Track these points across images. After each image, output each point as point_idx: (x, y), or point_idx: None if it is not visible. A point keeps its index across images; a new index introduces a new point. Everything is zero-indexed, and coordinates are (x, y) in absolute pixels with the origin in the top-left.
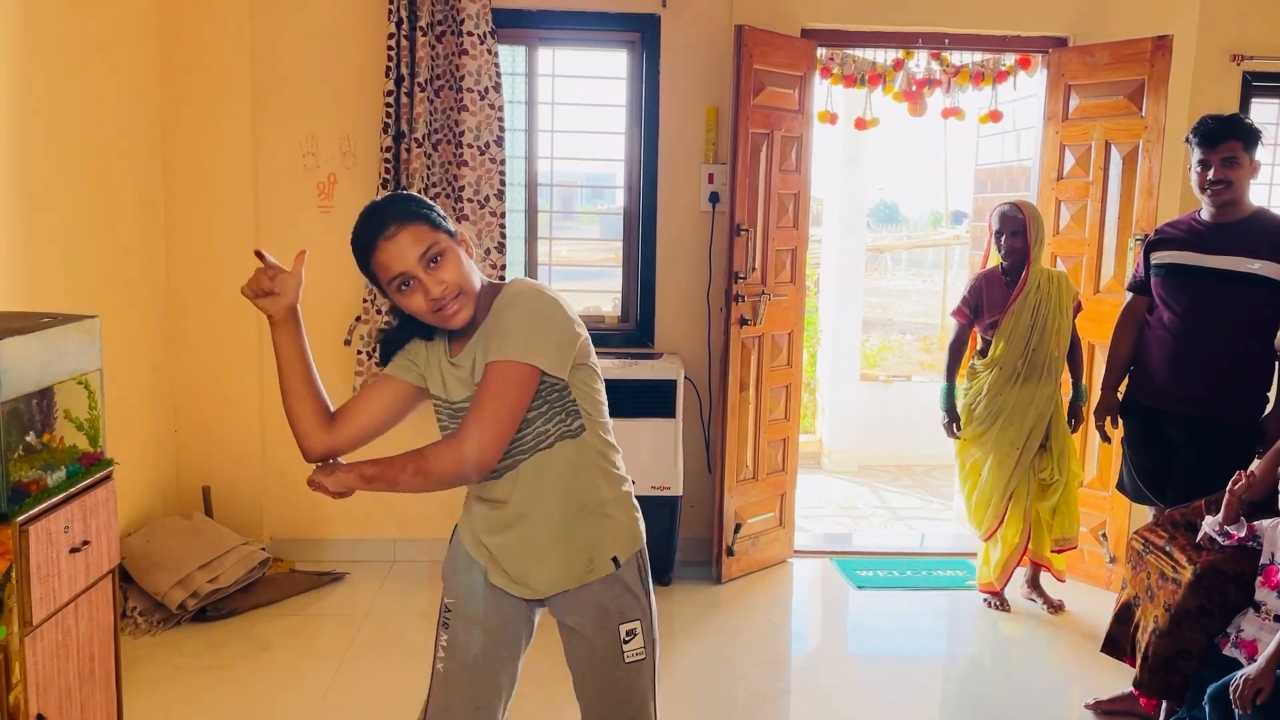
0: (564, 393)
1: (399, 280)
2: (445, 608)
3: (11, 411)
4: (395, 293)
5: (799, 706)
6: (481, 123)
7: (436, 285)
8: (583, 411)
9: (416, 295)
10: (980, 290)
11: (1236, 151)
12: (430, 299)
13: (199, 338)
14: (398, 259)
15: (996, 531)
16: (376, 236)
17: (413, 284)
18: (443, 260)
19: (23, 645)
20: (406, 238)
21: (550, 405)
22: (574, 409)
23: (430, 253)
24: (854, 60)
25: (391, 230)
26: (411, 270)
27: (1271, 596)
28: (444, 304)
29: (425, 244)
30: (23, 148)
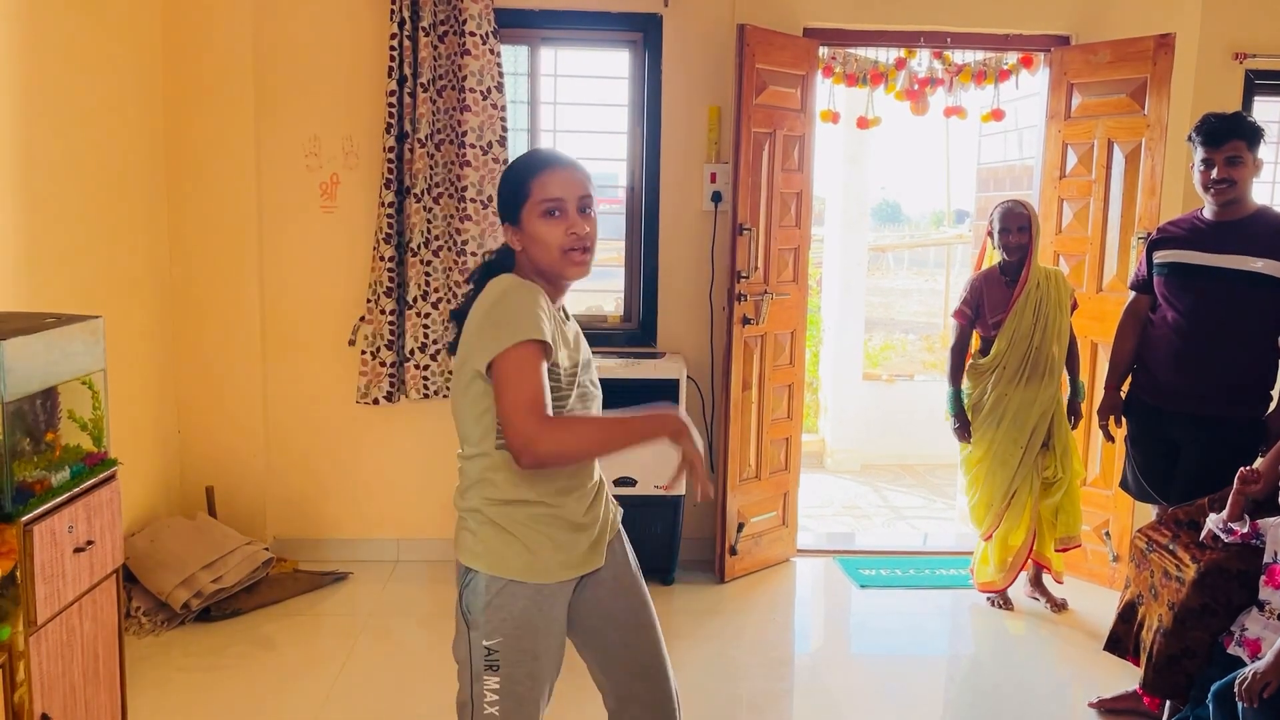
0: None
1: (554, 204)
2: (487, 650)
3: (15, 411)
4: (538, 217)
5: (802, 706)
6: (484, 123)
7: (583, 226)
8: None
9: (559, 226)
10: (980, 290)
11: (1240, 150)
12: (572, 234)
13: (202, 338)
14: (567, 186)
15: (996, 531)
16: (558, 162)
17: (559, 215)
18: (591, 213)
19: (27, 645)
20: (579, 176)
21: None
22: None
23: (586, 200)
24: (856, 59)
25: (569, 165)
26: (570, 202)
27: (1276, 595)
28: (579, 245)
29: (587, 191)
30: (27, 149)
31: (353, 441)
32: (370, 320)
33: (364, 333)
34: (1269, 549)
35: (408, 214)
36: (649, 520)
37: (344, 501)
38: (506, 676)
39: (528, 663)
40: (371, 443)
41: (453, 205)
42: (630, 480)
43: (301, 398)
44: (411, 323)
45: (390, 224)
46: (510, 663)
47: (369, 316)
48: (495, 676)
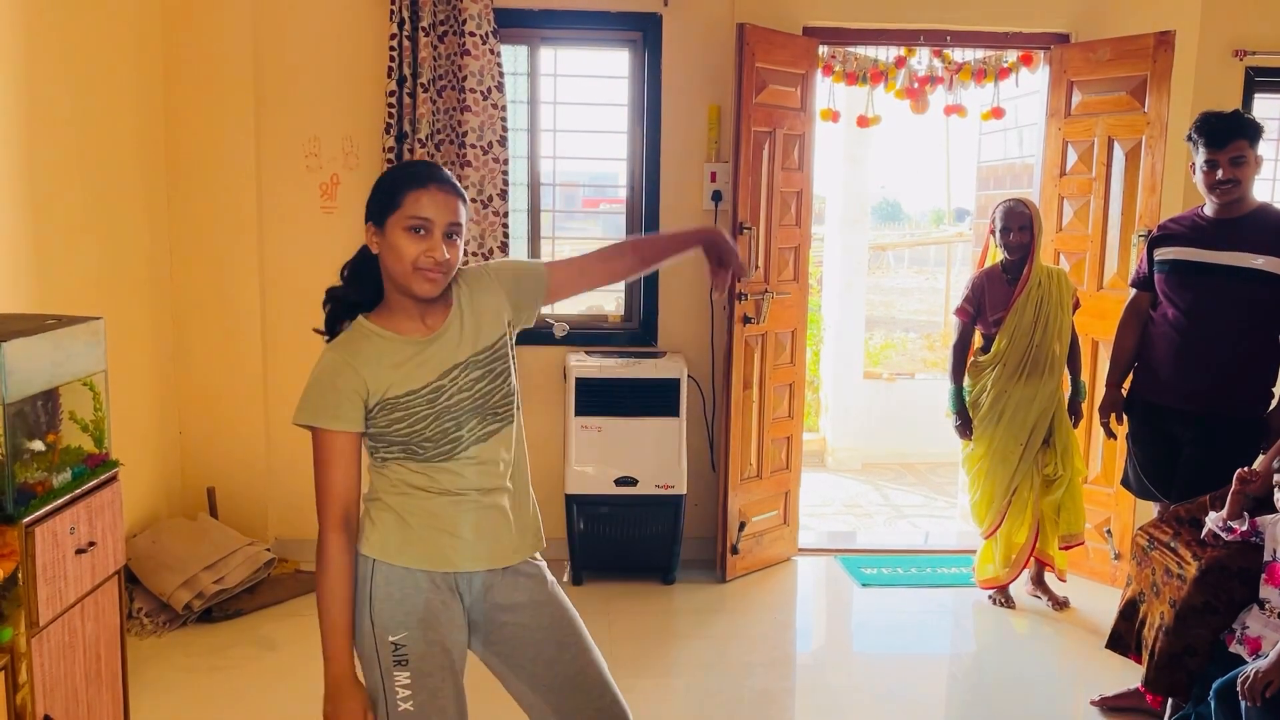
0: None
1: (419, 224)
2: (394, 646)
3: (17, 413)
4: (401, 230)
5: (804, 704)
6: (484, 123)
7: (442, 252)
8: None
9: (419, 244)
10: (982, 288)
11: (1244, 150)
12: (431, 259)
13: (203, 339)
14: (435, 208)
15: (997, 529)
16: (432, 181)
17: (423, 234)
18: (456, 240)
19: (29, 646)
20: (452, 202)
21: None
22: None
23: (454, 228)
24: (856, 58)
25: (448, 188)
26: (435, 224)
27: (1276, 594)
28: (434, 270)
29: (457, 219)
30: (28, 151)
31: None
32: None
33: None
34: (1268, 547)
35: None
36: (650, 519)
37: None
38: (417, 670)
39: (438, 654)
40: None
41: None
42: (631, 480)
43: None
44: None
45: None
46: (419, 656)
47: None
48: (404, 672)
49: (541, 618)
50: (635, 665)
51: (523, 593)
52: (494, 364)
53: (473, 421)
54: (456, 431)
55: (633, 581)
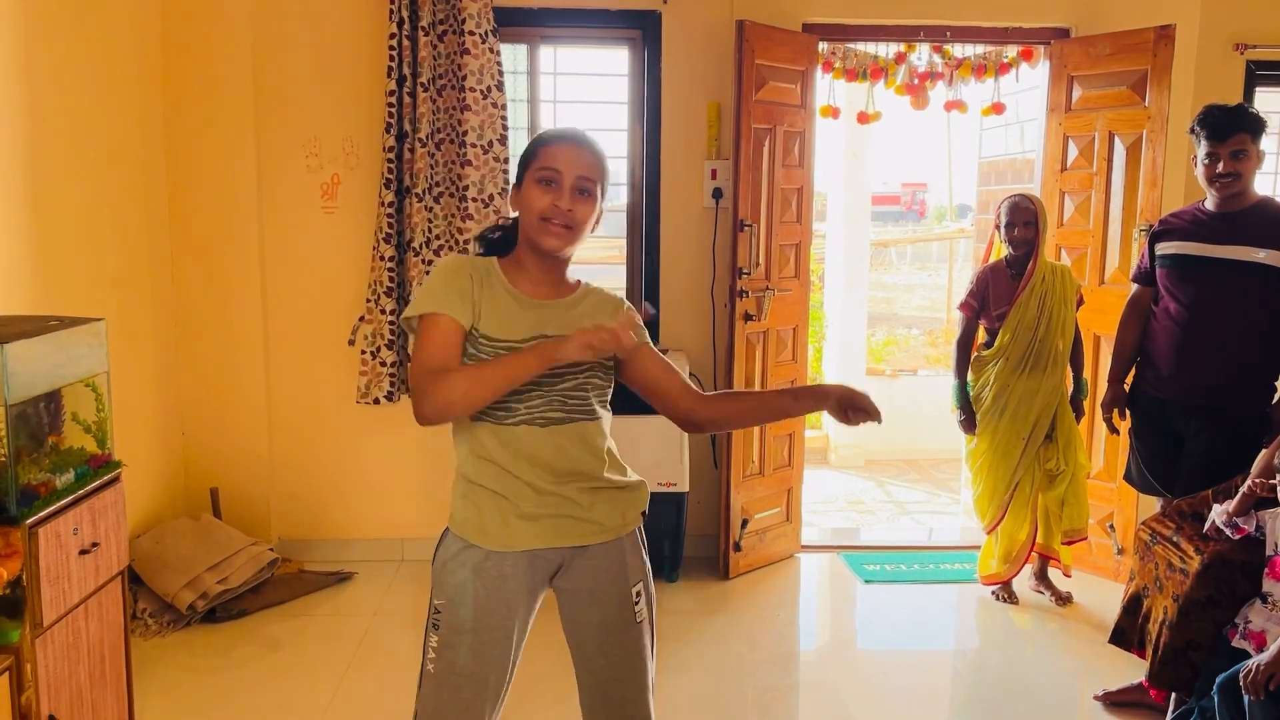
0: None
1: (550, 174)
2: (435, 609)
3: (20, 414)
4: (534, 180)
5: (808, 701)
6: (484, 122)
7: (568, 203)
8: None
9: (548, 196)
10: (986, 283)
11: (1245, 143)
12: (556, 208)
13: (205, 339)
14: (569, 162)
15: (999, 524)
16: (573, 139)
17: (553, 188)
18: (586, 198)
19: (34, 647)
20: (588, 159)
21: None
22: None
23: (585, 183)
24: (856, 54)
25: (586, 145)
26: (566, 177)
27: (1278, 588)
28: (558, 221)
29: (590, 178)
30: (28, 152)
31: (357, 442)
32: (370, 320)
33: (364, 332)
34: (1270, 540)
35: (409, 213)
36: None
37: (348, 502)
38: (443, 640)
39: (466, 634)
40: (375, 443)
41: (454, 204)
42: None
43: (305, 398)
44: None
45: (390, 223)
46: (448, 627)
47: (369, 316)
48: (436, 636)
49: (593, 614)
50: None
51: (587, 579)
52: (579, 363)
53: (536, 399)
54: (513, 397)
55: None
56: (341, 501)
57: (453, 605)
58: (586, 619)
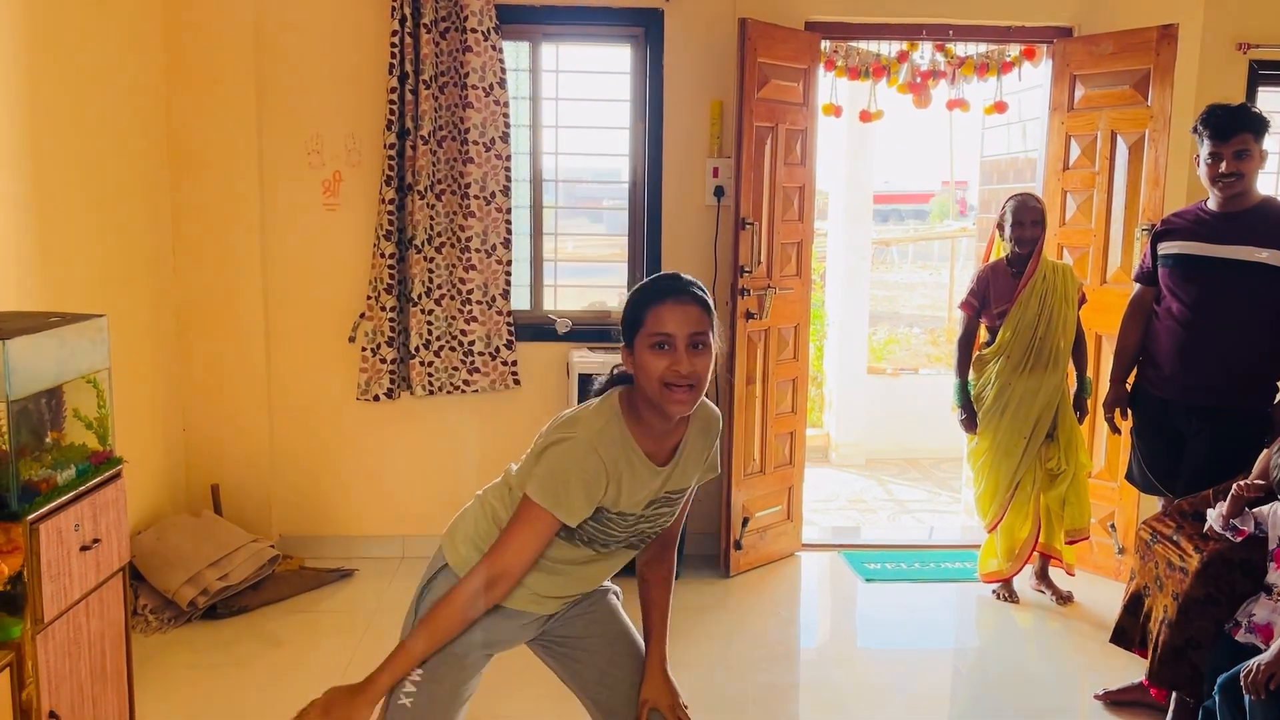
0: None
1: (662, 339)
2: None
3: (21, 410)
4: (646, 349)
5: (808, 699)
6: (486, 119)
7: (689, 365)
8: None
9: (664, 360)
10: (987, 282)
11: (1248, 143)
12: (676, 373)
13: (207, 336)
14: (677, 322)
15: (1000, 522)
16: (673, 294)
17: (668, 349)
18: (704, 350)
19: (34, 643)
20: (696, 313)
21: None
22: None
23: (699, 337)
24: (858, 52)
25: (688, 299)
26: (679, 338)
27: None
28: (683, 385)
29: (701, 327)
30: (30, 149)
31: (358, 438)
32: (371, 317)
33: (364, 329)
34: (1272, 535)
35: (410, 211)
36: None
37: (349, 498)
38: (429, 675)
39: (454, 668)
40: (376, 440)
41: (455, 202)
42: None
43: (306, 395)
44: (415, 319)
45: (391, 221)
46: (439, 661)
47: (369, 313)
48: (420, 670)
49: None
50: None
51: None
52: (678, 505)
53: (623, 547)
54: (606, 548)
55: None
56: (343, 498)
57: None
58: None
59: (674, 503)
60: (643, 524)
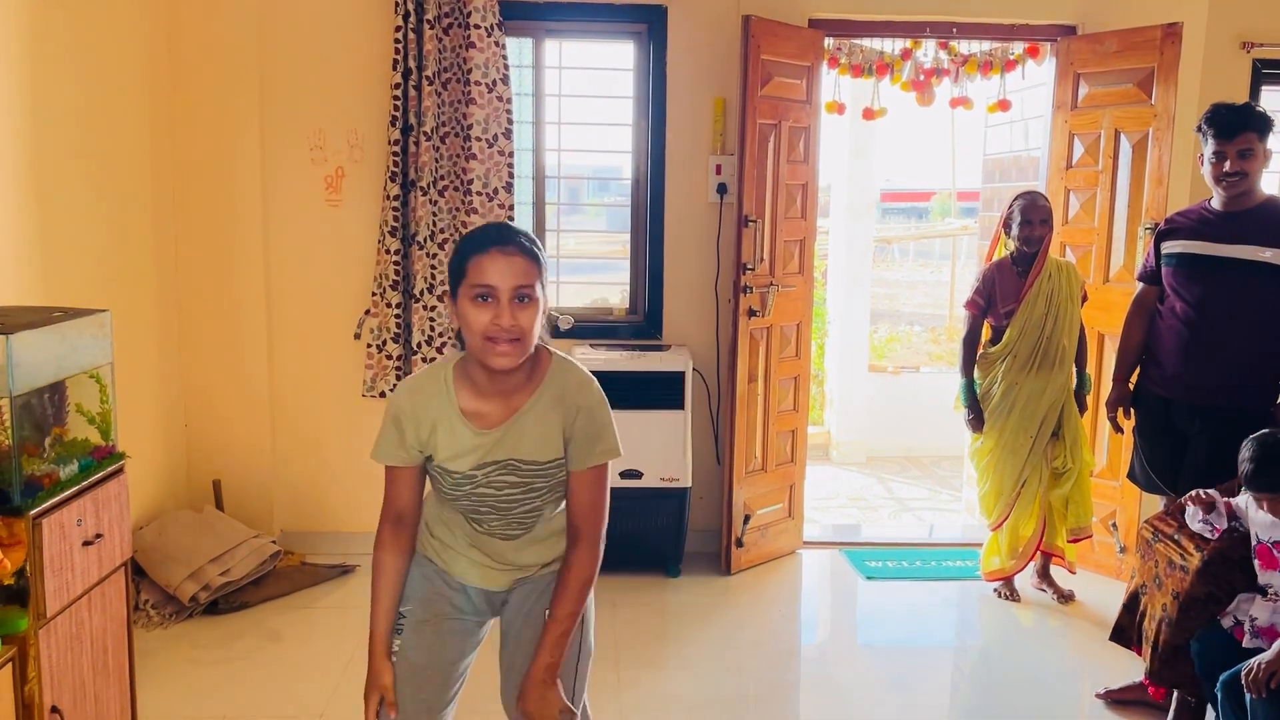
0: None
1: (483, 290)
2: (400, 615)
3: (24, 405)
4: (469, 300)
5: (809, 697)
6: (489, 115)
7: (510, 318)
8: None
9: (486, 313)
10: (993, 280)
11: (1252, 142)
12: (496, 324)
13: (209, 331)
14: (499, 273)
15: (1005, 521)
16: (496, 243)
17: (491, 302)
18: (528, 304)
19: (37, 638)
20: (520, 264)
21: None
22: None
23: (524, 290)
24: (861, 50)
25: (513, 250)
26: (502, 291)
27: (1275, 577)
28: (503, 338)
29: (526, 280)
30: (33, 144)
31: (360, 435)
32: (376, 313)
33: (369, 326)
34: (1251, 531)
35: (413, 207)
36: (655, 513)
37: (351, 495)
38: (405, 644)
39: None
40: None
41: (458, 198)
42: (636, 473)
43: (308, 391)
44: (418, 315)
45: (395, 217)
46: (410, 631)
47: (374, 310)
48: (398, 639)
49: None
50: (639, 658)
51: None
52: (534, 480)
53: (493, 519)
54: (475, 515)
55: (637, 575)
56: (344, 494)
57: (416, 608)
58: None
59: (524, 474)
60: (486, 490)
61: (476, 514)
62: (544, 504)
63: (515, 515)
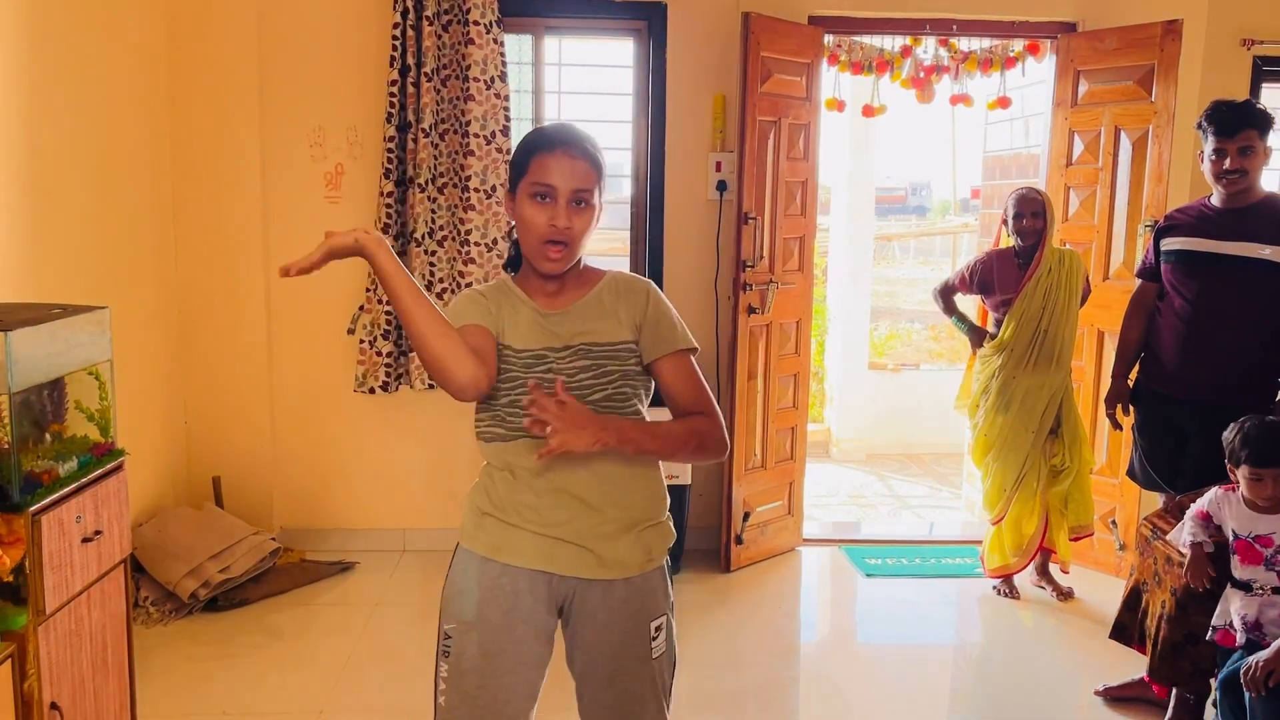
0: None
1: (543, 189)
2: (445, 634)
3: (23, 402)
4: (527, 197)
5: (808, 695)
6: (487, 112)
7: (565, 220)
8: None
9: (543, 213)
10: (991, 267)
11: (1253, 140)
12: (552, 225)
13: (208, 328)
14: (561, 174)
15: (1005, 515)
16: (561, 144)
17: (548, 202)
18: (584, 209)
19: (36, 634)
20: (582, 168)
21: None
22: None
23: (582, 194)
24: (861, 47)
25: (577, 153)
26: (561, 192)
27: (1259, 571)
28: (556, 241)
29: (587, 186)
30: (32, 141)
31: (360, 431)
32: (369, 310)
33: (363, 322)
34: (1228, 528)
35: (411, 204)
36: None
37: (350, 492)
38: (454, 669)
39: (476, 659)
40: (378, 433)
41: (456, 195)
42: None
43: (308, 388)
44: None
45: (390, 214)
46: (460, 654)
47: (368, 306)
48: (445, 664)
49: (604, 644)
50: None
51: (602, 610)
52: (606, 362)
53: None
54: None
55: None
56: (344, 491)
57: (466, 630)
58: (596, 648)
59: (595, 355)
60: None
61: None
62: (616, 392)
63: (588, 404)
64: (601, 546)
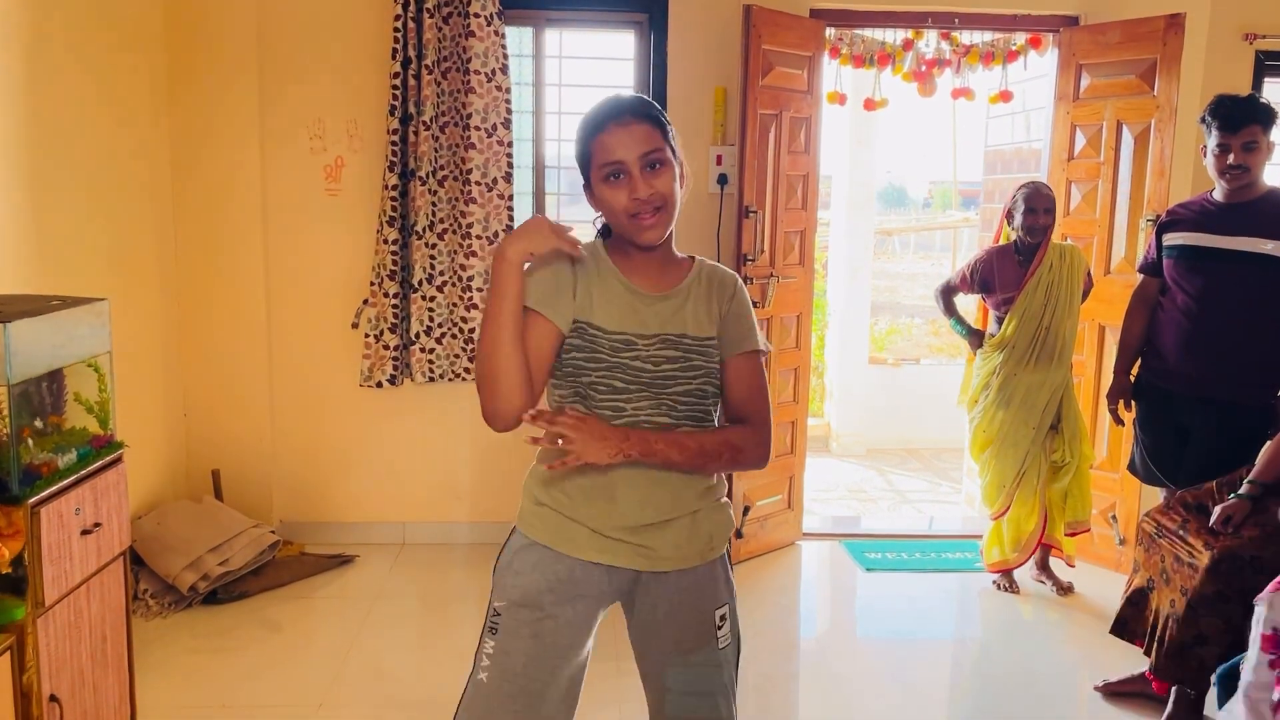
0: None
1: (613, 168)
2: (494, 611)
3: (22, 394)
4: (601, 182)
5: (808, 689)
6: (488, 105)
7: (646, 187)
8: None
9: (622, 190)
10: (991, 266)
11: (1256, 135)
12: (634, 198)
13: (208, 321)
14: (622, 146)
15: (1006, 511)
16: (611, 118)
17: (623, 178)
18: (661, 169)
19: (35, 626)
20: (641, 130)
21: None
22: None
23: (652, 156)
24: (863, 40)
25: (628, 119)
26: (630, 163)
27: None
28: (644, 209)
29: (651, 145)
30: (31, 132)
31: (359, 425)
32: (374, 303)
33: (367, 316)
34: None
35: (412, 197)
36: None
37: (350, 485)
38: (500, 646)
39: (525, 639)
40: (377, 426)
41: (457, 188)
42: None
43: (307, 381)
44: (417, 306)
45: (394, 207)
46: (506, 632)
47: (372, 299)
48: (492, 641)
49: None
50: None
51: (665, 599)
52: (693, 356)
53: (642, 399)
54: (622, 397)
55: None
56: (344, 484)
57: (517, 610)
58: (661, 640)
59: (685, 348)
60: (643, 365)
61: (627, 393)
62: (698, 389)
63: (669, 395)
64: (658, 539)
